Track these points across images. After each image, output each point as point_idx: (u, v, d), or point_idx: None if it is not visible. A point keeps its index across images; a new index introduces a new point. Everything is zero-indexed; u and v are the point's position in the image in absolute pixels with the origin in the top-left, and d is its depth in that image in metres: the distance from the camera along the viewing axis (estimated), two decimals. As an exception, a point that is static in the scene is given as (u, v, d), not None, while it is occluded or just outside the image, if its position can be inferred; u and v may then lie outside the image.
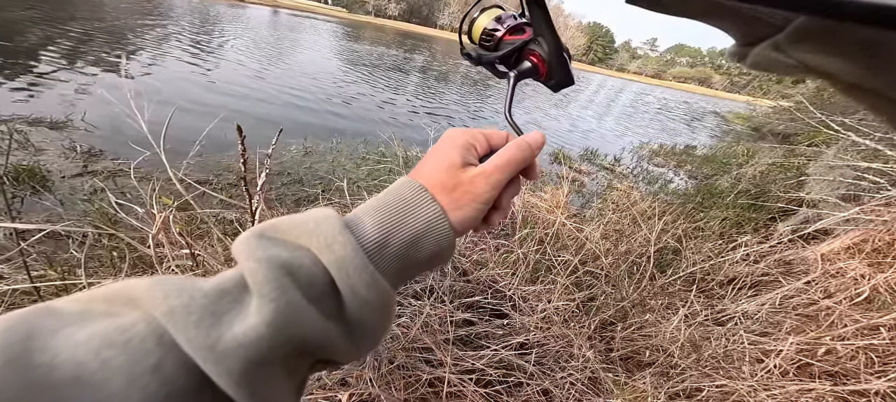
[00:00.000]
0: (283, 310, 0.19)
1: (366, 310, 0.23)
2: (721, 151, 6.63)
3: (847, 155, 3.49)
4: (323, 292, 0.22)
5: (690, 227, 2.63)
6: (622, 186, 3.18)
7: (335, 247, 0.23)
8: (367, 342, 0.24)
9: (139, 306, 0.19)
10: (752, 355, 1.53)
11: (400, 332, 1.85)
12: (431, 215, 0.27)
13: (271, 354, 0.19)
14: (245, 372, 0.18)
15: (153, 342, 0.17)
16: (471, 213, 0.28)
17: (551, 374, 1.64)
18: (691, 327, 1.70)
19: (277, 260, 0.21)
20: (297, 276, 0.21)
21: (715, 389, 1.34)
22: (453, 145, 0.29)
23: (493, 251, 2.52)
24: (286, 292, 0.20)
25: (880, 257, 2.23)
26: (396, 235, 0.25)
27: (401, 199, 0.27)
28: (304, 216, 0.24)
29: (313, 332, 0.21)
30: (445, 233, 0.27)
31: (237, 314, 0.19)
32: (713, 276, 2.22)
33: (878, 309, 1.75)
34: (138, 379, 0.16)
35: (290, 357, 0.20)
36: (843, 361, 1.44)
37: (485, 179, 0.28)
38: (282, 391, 0.20)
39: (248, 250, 0.21)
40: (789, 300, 1.94)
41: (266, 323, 0.19)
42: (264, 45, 11.29)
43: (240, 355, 0.18)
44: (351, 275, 0.22)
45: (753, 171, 3.65)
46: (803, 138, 4.19)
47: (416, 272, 0.28)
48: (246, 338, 0.18)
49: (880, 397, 1.23)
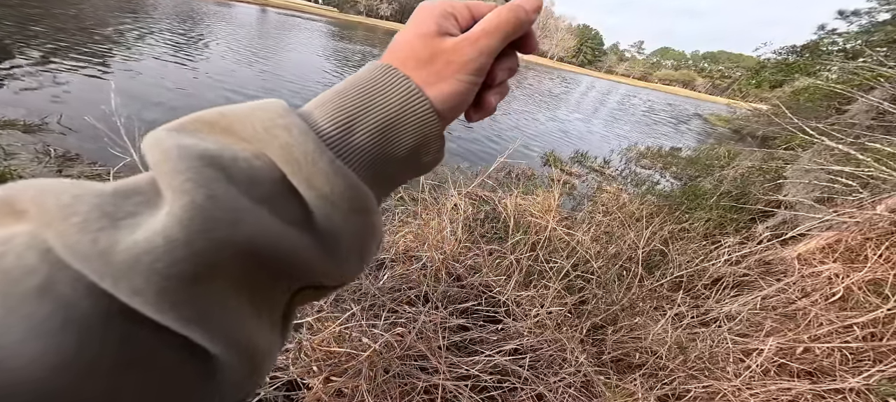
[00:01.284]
0: (201, 205, 0.15)
1: (333, 211, 0.18)
2: (704, 154, 6.85)
3: (821, 158, 3.65)
4: (276, 192, 0.18)
5: (676, 228, 2.71)
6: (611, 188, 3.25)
7: (276, 132, 0.18)
8: (349, 256, 0.20)
9: (19, 211, 0.15)
10: (736, 355, 1.58)
11: (394, 341, 1.85)
12: (404, 92, 0.22)
13: (198, 266, 0.14)
14: (162, 291, 0.14)
15: (36, 257, 0.13)
16: (457, 86, 0.23)
17: (545, 378, 1.67)
18: (678, 329, 1.75)
19: (198, 150, 0.16)
20: (231, 170, 0.17)
21: (701, 389, 1.39)
22: (428, 13, 0.24)
23: (487, 256, 2.54)
24: (208, 185, 0.15)
25: (853, 257, 2.34)
26: (361, 120, 0.21)
27: (361, 81, 0.22)
28: (239, 105, 0.19)
29: (269, 240, 0.16)
30: (426, 114, 0.22)
31: (144, 218, 0.15)
32: (698, 278, 2.29)
33: (851, 308, 1.84)
34: (18, 305, 0.12)
35: (244, 274, 0.16)
36: (820, 359, 1.52)
37: (472, 45, 0.23)
38: (244, 317, 0.17)
39: (156, 143, 0.16)
40: (769, 301, 2.02)
41: (178, 221, 0.14)
42: (252, 45, 11.09)
43: (144, 266, 0.13)
44: (302, 165, 0.18)
45: (734, 173, 3.79)
46: (781, 142, 4.37)
47: (399, 173, 0.23)
48: (149, 244, 0.14)
49: (855, 394, 1.30)
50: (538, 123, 9.79)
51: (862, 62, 5.51)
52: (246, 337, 0.17)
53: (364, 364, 1.72)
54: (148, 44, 8.01)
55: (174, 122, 0.18)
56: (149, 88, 5.35)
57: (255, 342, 0.17)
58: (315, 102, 0.21)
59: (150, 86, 5.45)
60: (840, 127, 4.06)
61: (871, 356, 1.48)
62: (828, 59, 6.05)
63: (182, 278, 0.14)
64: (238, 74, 7.50)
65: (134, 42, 7.95)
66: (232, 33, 12.47)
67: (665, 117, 19.35)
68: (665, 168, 5.98)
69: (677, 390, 1.43)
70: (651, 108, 23.57)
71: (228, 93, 6.12)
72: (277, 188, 0.18)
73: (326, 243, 0.19)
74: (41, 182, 0.15)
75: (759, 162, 3.86)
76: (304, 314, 1.84)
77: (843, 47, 6.24)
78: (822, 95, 5.18)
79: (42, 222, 0.14)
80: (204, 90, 5.95)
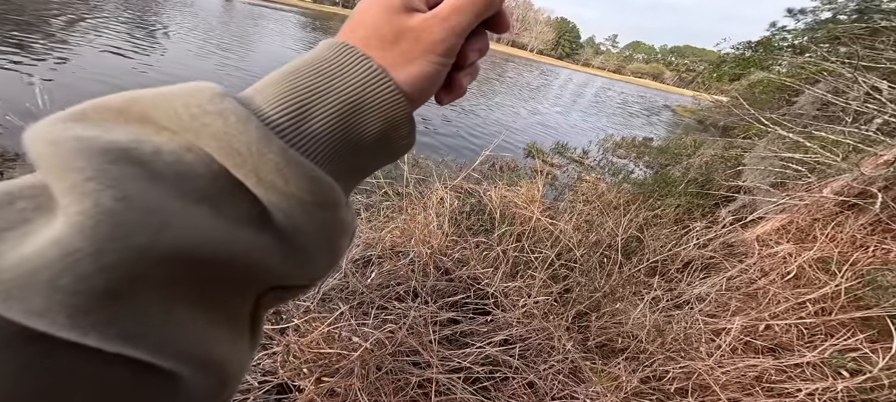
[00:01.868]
0: (112, 210, 0.12)
1: (292, 206, 0.16)
2: (673, 143, 7.19)
3: (774, 146, 3.90)
4: (216, 188, 0.15)
5: (650, 215, 2.81)
6: (590, 178, 3.33)
7: (208, 120, 0.15)
8: (320, 251, 0.18)
9: None
10: (707, 335, 1.67)
11: (385, 339, 1.82)
12: (364, 73, 0.19)
13: (115, 277, 0.12)
14: (74, 311, 0.11)
15: None
16: (427, 68, 0.21)
17: (534, 367, 1.70)
18: (655, 313, 1.83)
19: (102, 142, 0.13)
20: (153, 165, 0.14)
21: (679, 370, 1.45)
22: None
23: (474, 249, 2.53)
24: (117, 184, 0.12)
25: (804, 237, 2.53)
26: (317, 105, 0.18)
27: (314, 60, 0.19)
28: (157, 89, 0.16)
29: (210, 243, 0.14)
30: (391, 96, 0.20)
31: (36, 226, 0.12)
32: (671, 262, 2.40)
33: (804, 286, 1.99)
34: None
35: (180, 283, 0.14)
36: (780, 336, 1.63)
37: (441, 23, 0.20)
38: (199, 328, 0.15)
39: (45, 135, 0.13)
40: (733, 281, 2.14)
41: (79, 231, 0.11)
42: (215, 36, 10.14)
43: (43, 283, 0.11)
44: (246, 156, 0.15)
45: (700, 161, 3.99)
46: (739, 131, 4.63)
47: (368, 162, 0.21)
48: (43, 258, 0.11)
49: (812, 367, 1.41)
50: (520, 116, 9.80)
51: (808, 57, 5.92)
52: (204, 350, 0.15)
53: (356, 363, 1.69)
54: (97, 33, 7.15)
55: (71, 109, 0.15)
56: (92, 83, 4.75)
57: (217, 354, 0.15)
58: (256, 86, 0.18)
59: (93, 81, 4.84)
60: (790, 117, 4.35)
61: (823, 330, 1.61)
62: (779, 55, 6.43)
63: (95, 294, 0.12)
64: (196, 67, 6.86)
65: (79, 32, 7.13)
66: (192, 23, 11.31)
67: (638, 109, 20.05)
68: (639, 157, 6.23)
69: (657, 371, 1.49)
70: (625, 100, 24.32)
71: None
72: (219, 184, 0.15)
73: (288, 242, 0.16)
74: None
75: (721, 150, 4.08)
76: (292, 316, 1.76)
77: (792, 43, 6.65)
78: (774, 88, 5.52)
79: None
80: (162, 83, 5.50)
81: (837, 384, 1.25)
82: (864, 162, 3.03)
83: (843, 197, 2.93)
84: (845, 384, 1.24)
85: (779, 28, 7.04)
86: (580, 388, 1.50)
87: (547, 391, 1.55)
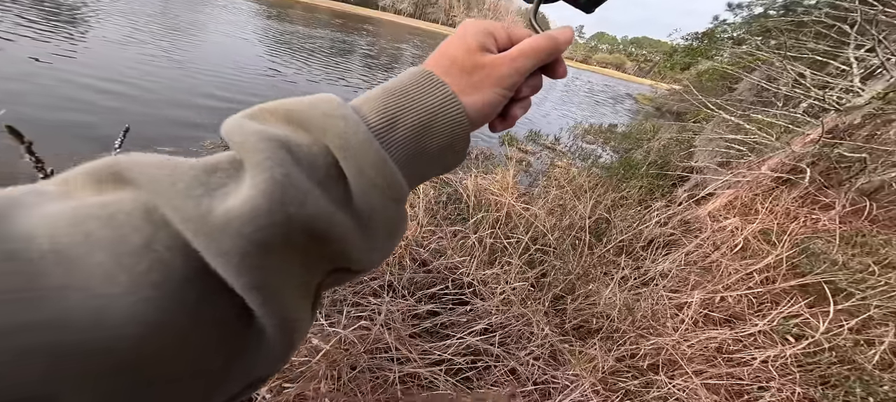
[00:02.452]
0: (280, 181, 0.16)
1: (376, 197, 0.19)
2: (635, 129, 7.53)
3: (720, 129, 4.17)
4: (327, 176, 0.18)
5: (617, 197, 2.88)
6: (562, 163, 3.36)
7: (336, 122, 0.19)
8: (381, 240, 0.21)
9: (125, 180, 0.15)
10: (672, 310, 1.74)
11: (355, 338, 1.71)
12: (441, 96, 0.23)
13: (274, 235, 0.15)
14: (245, 254, 0.14)
15: (141, 219, 0.14)
16: (490, 97, 0.25)
17: (515, 354, 1.68)
18: (625, 292, 1.87)
19: (271, 133, 0.17)
20: (297, 154, 0.17)
21: (650, 347, 1.49)
22: (473, 30, 0.26)
23: (451, 238, 2.45)
24: (283, 164, 0.16)
25: (747, 211, 2.72)
26: (404, 118, 0.22)
27: (406, 83, 0.23)
28: (299, 98, 0.21)
29: (322, 219, 0.17)
30: (459, 116, 0.23)
31: (231, 188, 0.16)
32: (636, 240, 2.48)
33: (750, 257, 2.13)
34: (125, 257, 0.13)
35: (300, 249, 0.17)
36: (733, 306, 1.74)
37: (509, 63, 0.25)
38: (294, 292, 0.17)
39: (237, 127, 0.18)
40: (691, 256, 2.25)
41: (262, 193, 0.15)
42: (155, 25, 8.45)
43: (234, 230, 0.14)
44: (357, 153, 0.19)
45: (658, 144, 4.18)
46: (690, 116, 4.91)
47: (428, 169, 0.24)
48: (241, 211, 0.14)
49: (763, 335, 1.51)
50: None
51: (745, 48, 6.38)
52: (291, 312, 0.17)
53: (321, 365, 1.58)
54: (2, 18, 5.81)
55: (246, 110, 0.20)
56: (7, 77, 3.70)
57: (297, 318, 0.18)
58: (363, 98, 0.23)
59: (10, 74, 3.79)
60: (732, 102, 4.67)
61: (770, 298, 1.74)
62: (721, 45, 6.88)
63: (260, 244, 0.15)
64: (140, 56, 5.78)
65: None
66: (127, 9, 9.29)
67: (604, 98, 20.71)
68: (605, 143, 6.46)
69: (630, 349, 1.52)
70: (592, 89, 24.97)
71: (129, 81, 4.54)
72: (330, 172, 0.19)
73: (365, 226, 0.19)
74: (145, 156, 0.16)
75: (675, 134, 4.30)
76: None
77: (732, 35, 7.12)
78: (718, 76, 5.90)
79: (152, 189, 0.15)
80: (61, 86, 4.00)
81: (786, 350, 1.34)
82: (795, 141, 3.32)
83: (778, 173, 3.20)
84: (793, 350, 1.34)
85: (721, 21, 7.52)
86: (559, 371, 1.50)
87: (528, 377, 1.54)
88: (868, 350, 1.35)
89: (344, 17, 28.56)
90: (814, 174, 2.83)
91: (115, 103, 3.90)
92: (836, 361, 1.36)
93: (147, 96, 4.30)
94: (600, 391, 1.35)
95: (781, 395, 1.28)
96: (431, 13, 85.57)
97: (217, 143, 3.43)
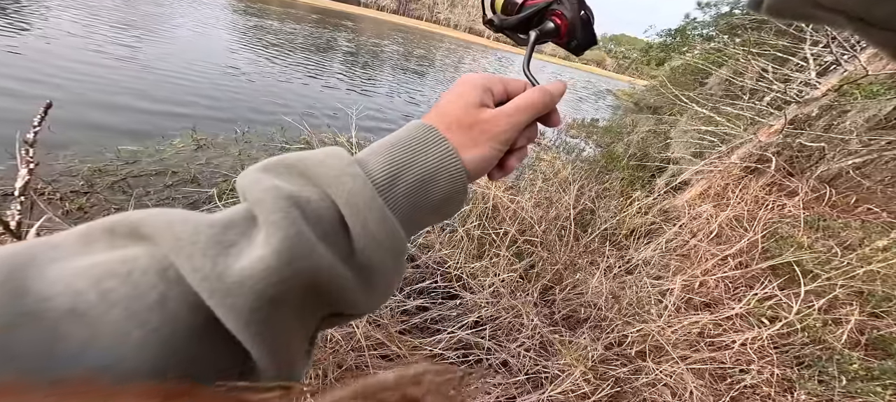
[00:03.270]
0: (292, 239, 0.16)
1: (377, 251, 0.20)
2: (615, 123, 7.63)
3: (693, 121, 4.27)
4: (332, 230, 0.19)
5: (600, 188, 2.89)
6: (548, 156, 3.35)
7: (344, 180, 0.20)
8: (379, 290, 0.21)
9: (142, 236, 0.16)
10: (655, 297, 1.75)
11: (341, 337, 1.62)
12: (442, 152, 0.23)
13: (281, 290, 0.16)
14: (254, 309, 0.15)
15: (156, 276, 0.15)
16: (488, 151, 0.25)
17: (506, 346, 1.64)
18: (610, 280, 1.86)
19: (284, 191, 0.18)
20: (305, 210, 0.18)
21: (636, 334, 1.49)
22: (471, 86, 0.26)
23: (439, 232, 2.38)
24: (295, 223, 0.17)
25: (720, 199, 2.79)
26: (405, 173, 0.22)
27: (409, 138, 0.24)
28: (312, 152, 0.21)
29: (324, 272, 0.18)
30: (458, 172, 0.24)
31: (245, 246, 0.16)
32: (620, 230, 2.49)
33: (724, 242, 2.18)
34: (139, 313, 0.14)
35: (301, 300, 0.17)
36: (712, 291, 1.77)
37: (506, 118, 0.26)
38: (293, 340, 0.18)
39: (254, 181, 0.19)
40: (671, 243, 2.28)
41: (274, 252, 0.16)
42: (120, 19, 7.69)
43: (247, 288, 0.15)
44: (361, 210, 0.19)
45: (637, 138, 4.24)
46: (666, 110, 5.01)
47: (426, 219, 0.24)
48: (254, 270, 0.15)
49: (740, 318, 1.54)
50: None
51: (713, 44, 6.58)
52: (289, 358, 0.18)
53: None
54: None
55: (261, 162, 0.21)
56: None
57: (294, 363, 0.18)
58: (368, 151, 0.23)
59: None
60: (703, 96, 4.80)
61: (744, 282, 1.78)
62: (693, 42, 7.05)
63: (269, 299, 0.16)
64: (101, 50, 5.23)
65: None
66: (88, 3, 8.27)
67: (586, 94, 20.98)
68: (588, 137, 6.53)
69: (618, 337, 1.51)
70: (574, 85, 25.20)
71: (86, 76, 4.11)
72: (334, 227, 0.19)
73: (365, 277, 0.20)
74: (162, 212, 0.17)
75: (653, 127, 4.38)
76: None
77: (702, 32, 7.32)
78: (691, 71, 6.05)
79: (172, 247, 0.15)
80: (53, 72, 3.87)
81: (762, 332, 1.37)
82: (760, 132, 3.44)
83: (746, 162, 3.31)
84: (769, 332, 1.37)
85: (692, 19, 7.72)
86: (550, 361, 1.47)
87: (520, 368, 1.50)
88: (837, 329, 1.40)
89: (321, 13, 26.33)
90: (779, 163, 2.93)
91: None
92: (809, 341, 1.40)
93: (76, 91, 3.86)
94: (591, 379, 1.33)
95: (762, 377, 1.30)
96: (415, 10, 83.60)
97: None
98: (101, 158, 2.72)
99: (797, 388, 1.30)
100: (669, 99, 4.64)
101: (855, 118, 3.29)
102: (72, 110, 3.34)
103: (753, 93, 4.65)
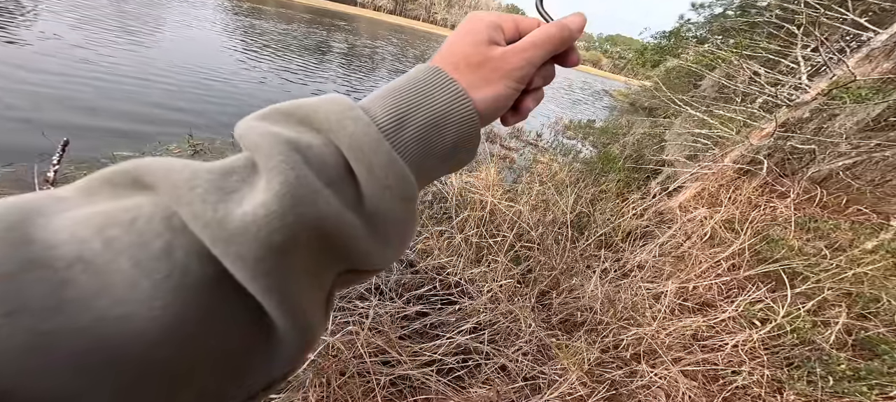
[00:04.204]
0: (293, 184, 0.15)
1: (386, 197, 0.19)
2: (611, 124, 7.69)
3: (687, 124, 4.33)
4: (337, 176, 0.18)
5: (596, 191, 2.93)
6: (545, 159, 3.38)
7: (346, 123, 0.18)
8: (392, 241, 0.20)
9: (144, 185, 0.16)
10: (649, 300, 1.78)
11: (342, 344, 1.64)
12: (450, 92, 0.22)
13: (286, 237, 0.15)
14: (260, 259, 0.14)
15: (161, 224, 0.14)
16: (502, 90, 0.23)
17: (504, 350, 1.66)
18: (606, 284, 1.89)
19: (282, 136, 0.17)
20: (307, 155, 0.17)
21: (631, 337, 1.52)
22: (480, 22, 0.24)
23: (437, 238, 2.41)
24: (295, 167, 0.16)
25: (713, 202, 2.83)
26: (413, 117, 0.21)
27: (414, 80, 0.22)
28: (309, 99, 0.20)
29: (331, 220, 0.17)
30: (469, 114, 0.22)
31: (246, 192, 0.16)
32: (615, 233, 2.53)
33: (717, 245, 2.22)
34: (146, 263, 0.13)
35: (310, 251, 0.16)
36: (704, 294, 1.80)
37: (519, 54, 0.24)
38: (306, 294, 0.17)
39: (250, 128, 0.18)
40: (665, 247, 2.32)
41: (276, 196, 0.15)
42: (115, 23, 7.52)
43: (251, 235, 0.14)
44: (366, 153, 0.18)
45: (632, 139, 4.29)
46: (661, 112, 5.07)
47: (438, 167, 0.23)
48: (256, 215, 0.14)
49: (733, 321, 1.58)
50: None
51: (707, 47, 6.67)
52: (305, 313, 0.17)
53: (308, 374, 1.53)
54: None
55: (258, 112, 0.19)
56: None
57: (311, 319, 0.18)
58: (371, 97, 0.22)
59: None
60: (697, 98, 4.87)
61: (736, 285, 1.82)
62: (686, 44, 7.14)
63: (274, 247, 0.15)
64: (87, 54, 5.18)
65: None
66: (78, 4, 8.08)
67: (582, 95, 21.03)
68: (585, 138, 6.58)
69: (613, 340, 1.55)
70: (570, 86, 25.29)
71: (78, 81, 4.11)
72: (340, 173, 0.18)
73: (374, 226, 0.19)
74: (163, 161, 0.16)
75: (648, 129, 4.44)
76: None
77: (696, 34, 7.41)
78: (685, 73, 6.13)
79: (170, 194, 0.15)
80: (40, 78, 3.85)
81: (753, 334, 1.41)
82: (752, 134, 3.50)
83: (739, 165, 3.36)
84: (759, 334, 1.40)
85: (686, 21, 7.81)
86: (547, 366, 1.50)
87: (518, 373, 1.53)
88: (825, 331, 1.44)
89: (317, 13, 25.94)
90: (770, 165, 2.99)
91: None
92: (798, 342, 1.44)
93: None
94: (587, 382, 1.36)
95: (753, 378, 1.34)
96: (412, 10, 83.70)
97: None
98: (98, 164, 2.72)
99: (786, 388, 1.34)
100: (664, 101, 4.70)
101: (844, 121, 3.35)
102: (66, 115, 3.34)
103: (745, 95, 4.71)
